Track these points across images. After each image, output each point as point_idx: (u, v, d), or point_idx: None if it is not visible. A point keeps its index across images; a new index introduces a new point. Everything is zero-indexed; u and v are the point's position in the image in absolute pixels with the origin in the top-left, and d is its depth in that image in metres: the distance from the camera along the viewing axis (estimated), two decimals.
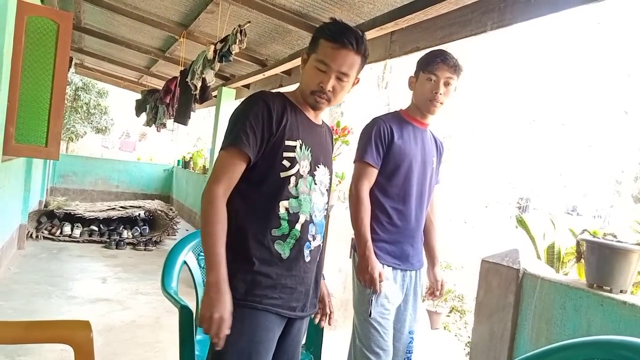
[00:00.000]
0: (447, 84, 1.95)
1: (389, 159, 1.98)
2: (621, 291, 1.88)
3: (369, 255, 1.91)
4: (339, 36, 1.40)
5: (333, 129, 4.11)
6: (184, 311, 1.73)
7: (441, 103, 1.97)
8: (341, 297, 3.91)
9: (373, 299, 1.93)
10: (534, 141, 15.34)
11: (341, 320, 3.91)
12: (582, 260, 2.10)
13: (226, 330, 1.29)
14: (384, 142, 1.97)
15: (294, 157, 1.42)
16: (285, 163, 1.41)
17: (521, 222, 2.57)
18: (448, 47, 3.57)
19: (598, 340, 1.16)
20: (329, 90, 1.42)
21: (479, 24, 2.84)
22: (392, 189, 1.99)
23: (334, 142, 1.67)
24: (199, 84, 4.77)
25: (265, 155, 1.40)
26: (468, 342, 3.80)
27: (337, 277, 3.89)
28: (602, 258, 1.92)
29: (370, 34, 3.57)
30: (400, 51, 3.57)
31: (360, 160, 1.98)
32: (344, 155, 4.15)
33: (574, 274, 2.29)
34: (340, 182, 3.96)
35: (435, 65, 1.94)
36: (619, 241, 1.96)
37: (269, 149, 1.40)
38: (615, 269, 1.88)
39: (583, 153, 16.66)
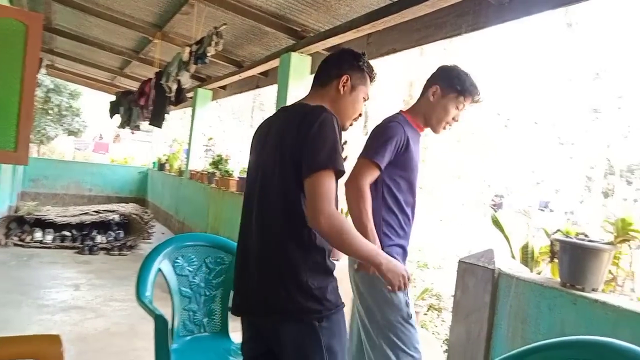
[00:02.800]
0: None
1: (403, 167, 1.96)
2: (593, 290, 1.92)
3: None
4: (374, 78, 1.68)
5: None
6: (159, 320, 1.70)
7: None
8: None
9: (408, 300, 1.91)
10: (508, 139, 15.65)
11: None
12: (556, 260, 2.14)
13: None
14: (398, 150, 1.93)
15: None
16: None
17: (496, 222, 2.60)
18: (424, 48, 3.61)
19: (578, 340, 1.18)
20: None
21: (454, 26, 2.88)
22: (402, 195, 1.99)
23: None
24: (174, 87, 4.71)
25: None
26: (446, 340, 3.85)
27: None
28: (574, 257, 1.96)
29: (346, 36, 3.58)
30: (377, 53, 3.59)
31: (371, 159, 1.90)
32: None
33: (547, 272, 2.33)
34: None
35: (476, 98, 1.97)
36: (590, 241, 2.00)
37: None
38: (587, 268, 1.92)
39: (555, 150, 17.07)
